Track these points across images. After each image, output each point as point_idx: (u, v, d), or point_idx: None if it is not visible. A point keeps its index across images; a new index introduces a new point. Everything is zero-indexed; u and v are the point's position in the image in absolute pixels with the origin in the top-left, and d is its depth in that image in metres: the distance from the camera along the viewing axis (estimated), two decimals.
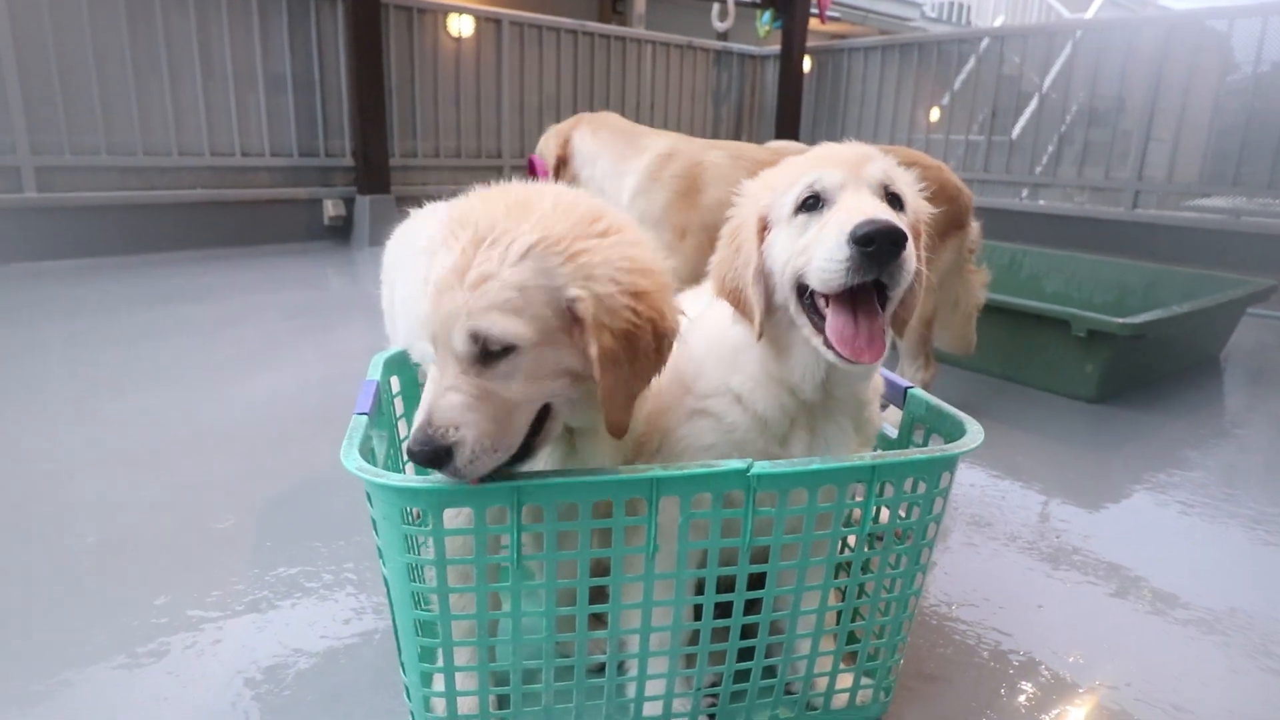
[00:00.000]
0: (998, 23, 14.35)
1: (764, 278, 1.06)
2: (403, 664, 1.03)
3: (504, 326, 0.82)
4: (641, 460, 1.18)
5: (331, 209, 5.55)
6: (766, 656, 1.09)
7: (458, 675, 1.00)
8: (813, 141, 6.98)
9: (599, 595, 1.02)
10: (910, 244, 0.94)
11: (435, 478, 0.88)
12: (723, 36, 8.62)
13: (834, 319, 0.98)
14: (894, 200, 1.03)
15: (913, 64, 7.36)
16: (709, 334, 1.19)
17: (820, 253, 0.96)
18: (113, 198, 4.74)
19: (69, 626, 1.39)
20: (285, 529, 1.76)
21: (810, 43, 7.97)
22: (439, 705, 1.03)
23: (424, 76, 6.05)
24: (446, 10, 6.09)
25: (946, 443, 1.14)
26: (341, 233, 5.70)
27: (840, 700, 1.15)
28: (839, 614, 1.10)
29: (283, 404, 2.55)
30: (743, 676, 1.10)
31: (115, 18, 4.60)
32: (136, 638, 1.37)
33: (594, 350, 0.83)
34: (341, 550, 1.68)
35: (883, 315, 0.99)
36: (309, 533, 1.74)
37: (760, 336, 1.06)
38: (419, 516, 0.94)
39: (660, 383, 1.20)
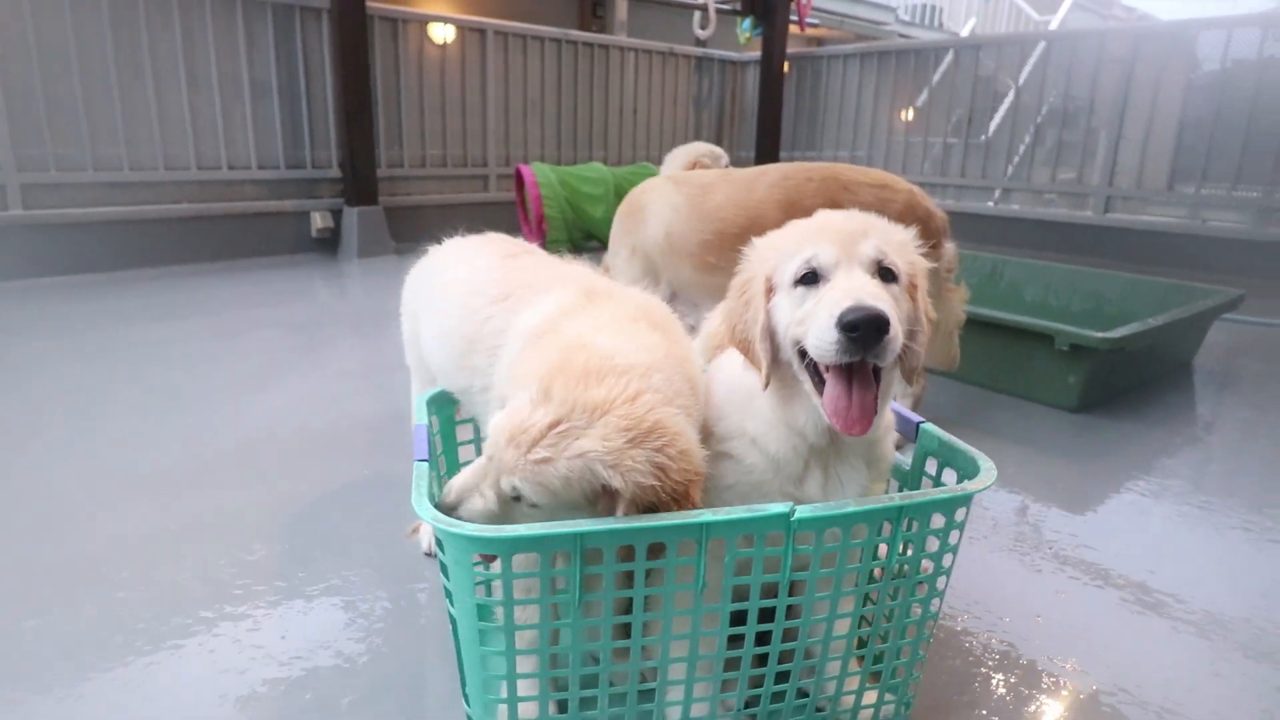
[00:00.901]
0: (970, 24, 14.60)
1: (770, 334, 1.14)
2: (466, 695, 1.10)
3: (539, 498, 1.01)
4: None
5: (320, 221, 5.57)
6: (785, 678, 1.18)
7: (520, 705, 1.08)
8: (793, 146, 7.10)
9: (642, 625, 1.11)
10: (895, 326, 1.01)
11: (504, 528, 0.96)
12: (700, 43, 8.72)
13: (830, 390, 1.06)
14: (886, 273, 1.10)
15: (890, 70, 7.51)
16: (726, 381, 1.28)
17: (814, 330, 1.04)
18: (99, 214, 4.73)
19: (118, 668, 1.45)
20: (314, 557, 1.81)
21: (789, 49, 8.09)
22: None
23: (409, 87, 6.07)
24: (430, 20, 6.12)
25: (960, 477, 1.24)
26: (329, 245, 5.72)
27: (865, 715, 1.25)
28: (865, 638, 1.20)
29: (291, 425, 2.59)
30: (777, 697, 1.18)
31: (99, 31, 4.59)
32: (193, 680, 1.43)
33: (618, 510, 1.00)
34: (373, 578, 1.74)
35: (876, 386, 1.07)
36: (339, 561, 1.80)
37: (766, 385, 1.15)
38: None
39: None
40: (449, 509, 1.07)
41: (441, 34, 6.17)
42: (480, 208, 6.67)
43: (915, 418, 1.37)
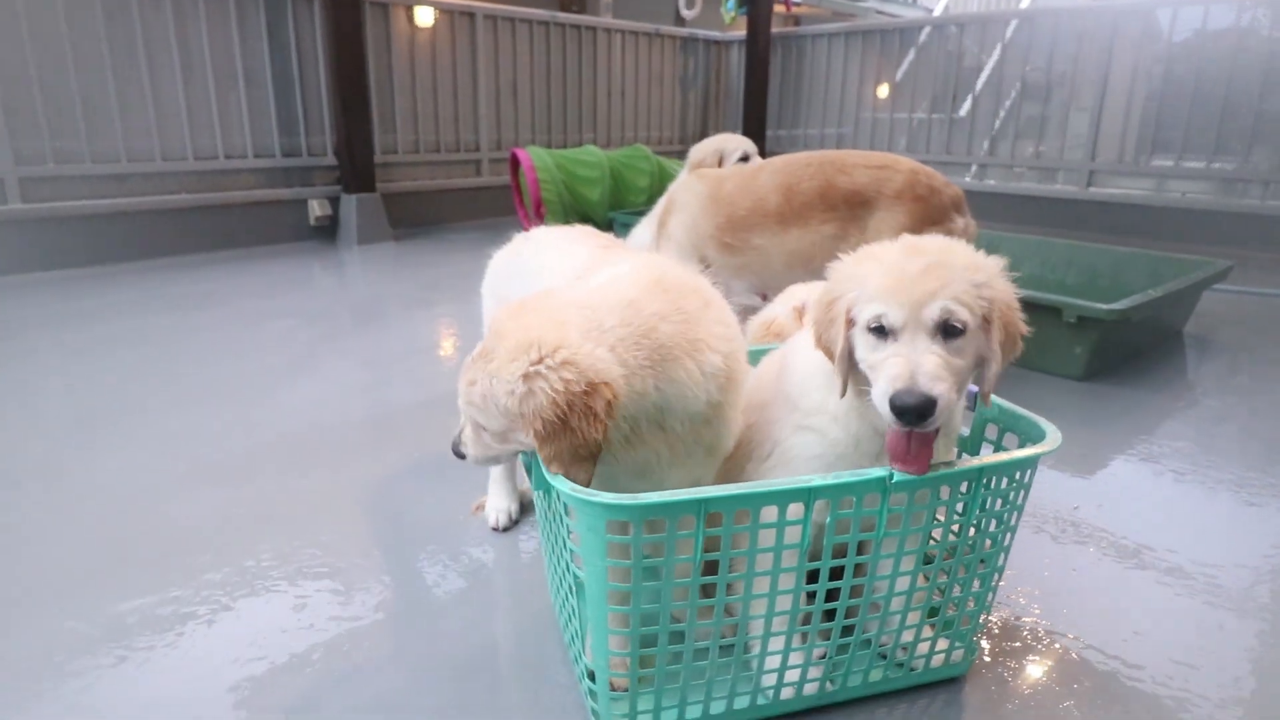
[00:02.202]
0: (943, 1, 14.71)
1: (848, 356, 1.21)
2: (581, 649, 1.20)
3: (479, 419, 1.20)
4: (733, 468, 1.39)
5: (318, 209, 5.56)
6: (869, 628, 1.30)
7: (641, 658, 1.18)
8: (779, 125, 7.18)
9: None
10: (945, 400, 1.09)
11: (636, 496, 1.06)
12: (680, 21, 8.75)
13: (891, 435, 1.16)
14: (952, 329, 1.14)
15: (875, 48, 7.61)
16: (809, 361, 1.36)
17: (874, 394, 1.14)
18: (98, 206, 4.70)
19: (216, 641, 1.52)
20: (386, 538, 1.89)
21: (773, 28, 8.15)
22: (621, 683, 1.21)
23: (401, 72, 6.05)
24: (421, 4, 6.09)
25: (1021, 441, 1.35)
26: (328, 232, 5.71)
27: (937, 660, 1.37)
28: (941, 590, 1.31)
29: (334, 413, 2.65)
30: (860, 645, 1.30)
31: (94, 23, 4.54)
32: (300, 651, 1.51)
33: (530, 432, 1.12)
34: (447, 552, 1.82)
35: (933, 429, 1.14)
36: (411, 539, 1.88)
37: (843, 395, 1.24)
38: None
39: (766, 395, 1.40)
40: (459, 452, 1.30)
41: (431, 19, 6.15)
42: (474, 192, 6.70)
43: (973, 387, 1.48)
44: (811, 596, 1.24)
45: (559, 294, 1.23)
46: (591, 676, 1.23)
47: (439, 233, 6.25)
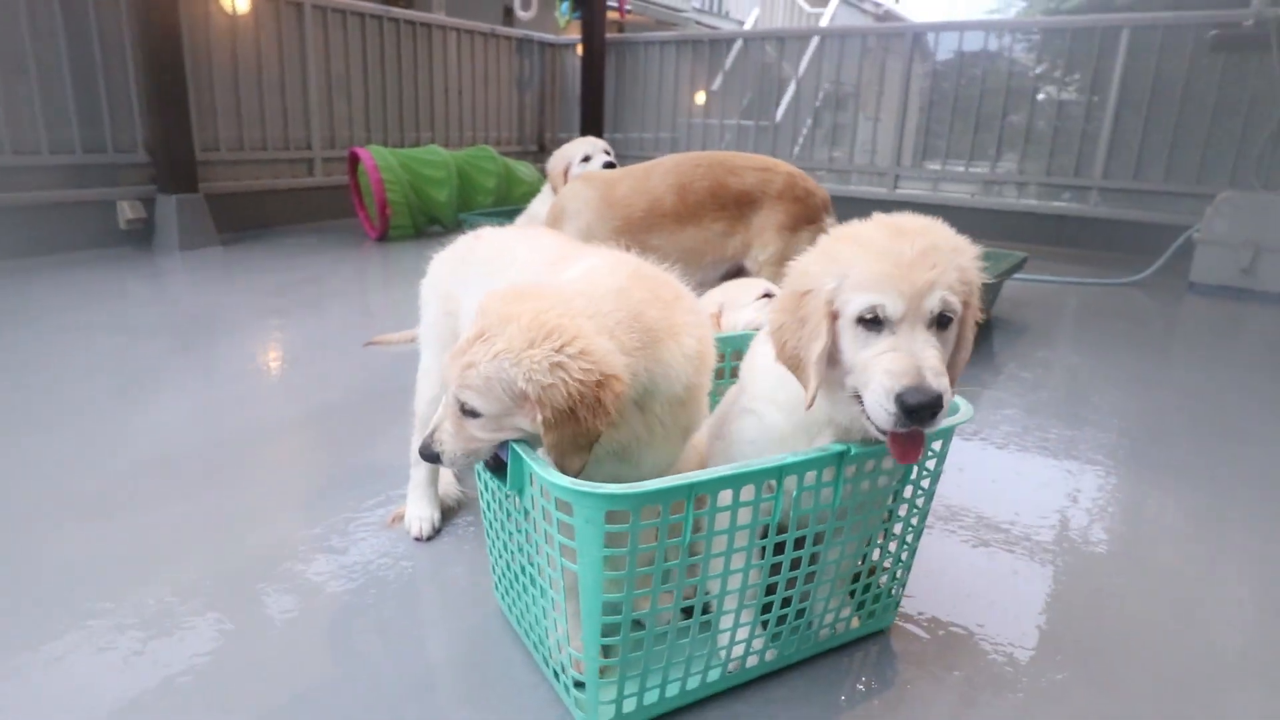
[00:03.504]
0: (753, 15, 15.66)
1: (825, 358, 1.13)
2: (555, 645, 1.24)
3: (474, 402, 1.19)
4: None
5: (129, 211, 5.00)
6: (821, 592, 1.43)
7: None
8: (615, 129, 7.40)
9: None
10: (948, 396, 1.06)
11: (634, 485, 1.11)
12: (511, 21, 8.69)
13: (892, 438, 1.13)
14: (944, 320, 1.11)
15: (703, 57, 8.00)
16: (770, 351, 1.44)
17: (871, 397, 1.07)
18: None
19: (130, 692, 1.39)
20: (295, 559, 1.79)
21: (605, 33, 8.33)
22: (610, 671, 1.25)
23: (221, 63, 5.58)
24: None
25: None
26: (141, 237, 5.16)
27: (871, 616, 1.53)
28: (877, 553, 1.47)
29: (196, 435, 2.43)
30: (796, 615, 1.43)
31: None
32: (237, 696, 1.41)
33: (538, 418, 1.14)
34: (369, 566, 1.76)
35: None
36: (323, 559, 1.79)
37: (810, 406, 1.17)
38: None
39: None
40: (430, 454, 1.25)
41: (248, 4, 5.70)
42: (308, 193, 6.31)
43: None
44: (773, 570, 1.34)
45: (552, 282, 1.24)
46: (576, 668, 1.26)
47: (271, 236, 5.83)
